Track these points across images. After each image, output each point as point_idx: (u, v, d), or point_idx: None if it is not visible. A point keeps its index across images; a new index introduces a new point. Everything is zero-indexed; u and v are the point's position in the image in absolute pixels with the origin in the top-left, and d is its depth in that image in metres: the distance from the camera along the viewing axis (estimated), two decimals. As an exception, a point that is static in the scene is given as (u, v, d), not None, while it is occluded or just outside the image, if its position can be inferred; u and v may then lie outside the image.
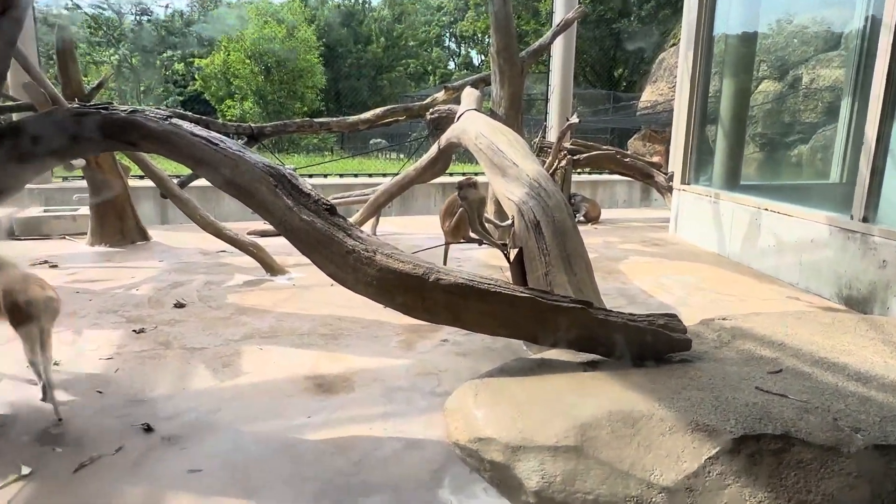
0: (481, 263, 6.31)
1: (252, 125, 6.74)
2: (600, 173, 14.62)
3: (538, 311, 2.22)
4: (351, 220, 6.83)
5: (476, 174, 13.11)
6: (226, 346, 3.63)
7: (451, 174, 13.12)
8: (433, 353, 3.59)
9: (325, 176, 11.30)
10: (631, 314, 2.45)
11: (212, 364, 3.42)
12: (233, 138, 2.63)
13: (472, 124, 4.86)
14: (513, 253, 3.70)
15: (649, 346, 2.34)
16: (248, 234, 6.85)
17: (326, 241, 2.28)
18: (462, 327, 2.40)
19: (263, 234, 7.04)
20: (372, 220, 7.35)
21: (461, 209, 3.83)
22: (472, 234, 3.97)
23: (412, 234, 8.04)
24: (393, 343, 3.69)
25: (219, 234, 5.29)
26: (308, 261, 2.44)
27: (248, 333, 3.84)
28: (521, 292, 2.22)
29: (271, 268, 5.16)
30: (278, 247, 6.89)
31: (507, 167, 3.90)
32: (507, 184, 3.84)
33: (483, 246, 4.02)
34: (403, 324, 4.00)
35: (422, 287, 2.18)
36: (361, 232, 2.37)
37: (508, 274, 3.75)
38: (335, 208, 2.41)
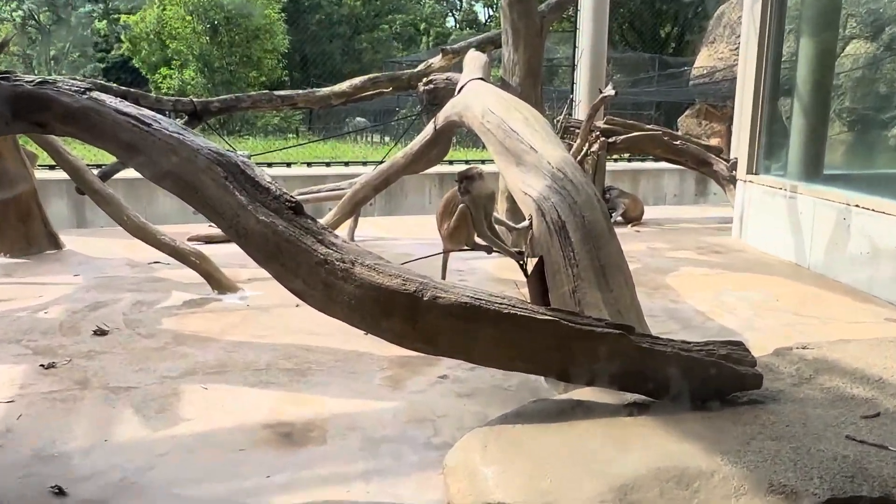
0: (490, 277, 6.24)
1: (195, 100, 6.76)
2: (643, 160, 14.72)
3: (564, 339, 2.21)
4: (322, 221, 6.85)
5: (483, 162, 13.17)
6: (160, 386, 3.63)
7: (450, 162, 13.23)
8: (428, 392, 3.58)
9: (289, 165, 11.31)
10: (684, 342, 2.44)
11: (142, 408, 3.41)
12: (169, 117, 2.64)
13: (478, 98, 4.88)
14: (531, 263, 3.71)
15: (708, 384, 2.33)
16: (190, 239, 6.85)
17: (291, 248, 2.28)
18: (466, 360, 2.39)
19: (209, 239, 6.99)
20: (349, 222, 7.28)
21: (463, 207, 3.84)
22: (478, 240, 3.99)
23: (401, 240, 7.91)
24: (376, 380, 3.69)
25: (152, 240, 5.30)
26: (267, 274, 2.45)
27: (189, 368, 3.84)
28: (543, 314, 2.21)
29: (219, 283, 5.17)
30: (228, 256, 6.91)
31: (524, 153, 3.92)
32: (524, 174, 3.87)
33: (493, 255, 4.04)
34: (390, 355, 3.99)
35: (414, 308, 2.17)
36: (336, 237, 2.37)
37: (525, 291, 3.78)
38: (302, 206, 2.41)
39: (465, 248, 4.00)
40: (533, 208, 3.62)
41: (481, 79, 5.35)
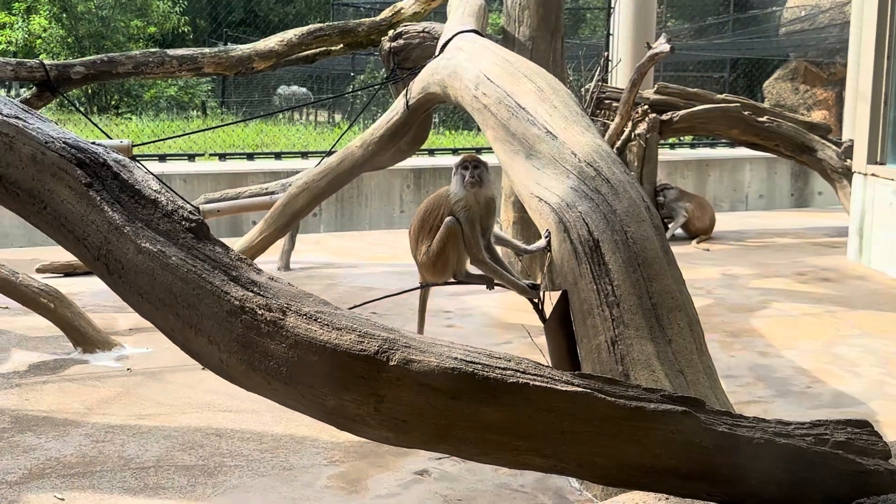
0: (491, 323, 6.31)
1: (47, 63, 6.73)
2: (712, 145, 14.79)
3: (600, 421, 2.18)
4: (239, 244, 6.94)
5: (479, 152, 13.24)
6: (-6, 496, 3.63)
7: (429, 152, 13.29)
8: (402, 499, 3.59)
9: (192, 158, 11.27)
10: (781, 422, 2.42)
11: (-34, 531, 3.38)
12: (8, 89, 2.63)
13: (471, 60, 4.89)
14: (550, 302, 3.71)
15: (817, 486, 2.31)
16: (40, 271, 6.86)
17: (189, 291, 2.25)
18: (455, 453, 2.37)
19: (69, 270, 7.18)
20: (282, 243, 7.47)
21: (451, 221, 3.84)
22: (472, 268, 3.98)
23: (359, 268, 8.09)
24: (322, 481, 3.70)
25: None
26: (153, 326, 2.44)
27: (36, 468, 3.80)
28: (568, 383, 2.19)
29: (85, 338, 5.12)
30: (99, 296, 6.89)
31: (537, 140, 3.95)
32: (537, 172, 3.89)
33: (494, 289, 4.03)
34: (343, 440, 4.02)
35: (376, 378, 2.14)
36: (258, 272, 2.35)
37: (542, 344, 3.77)
38: (206, 227, 2.38)
39: (454, 280, 3.99)
40: (551, 221, 3.65)
41: (474, 31, 5.36)
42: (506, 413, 2.22)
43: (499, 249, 4.08)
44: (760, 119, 9.04)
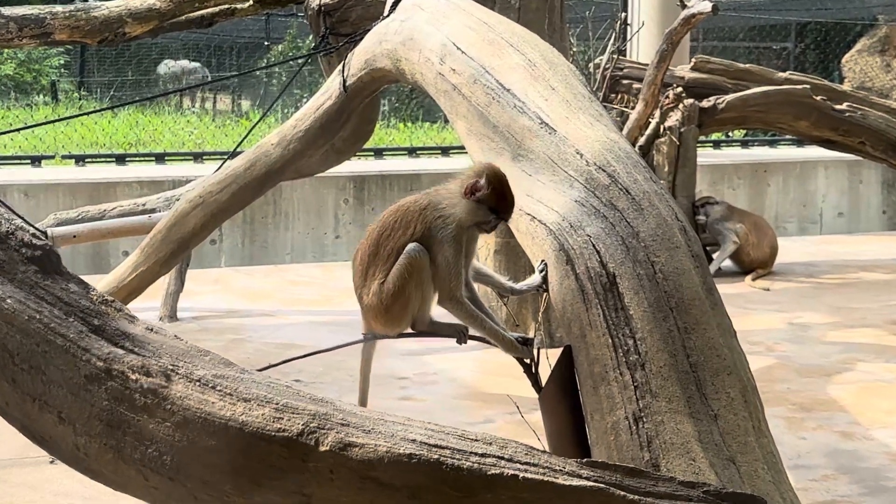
0: (464, 392, 6.40)
1: None
2: (772, 143, 14.85)
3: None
4: (105, 283, 6.83)
5: (446, 152, 13.27)
6: None
7: (375, 152, 13.22)
8: None
9: (38, 162, 11.19)
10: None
11: None
12: None
13: (433, 23, 4.86)
14: (547, 363, 3.70)
15: None
16: None
17: (32, 347, 2.22)
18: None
19: None
20: (167, 281, 7.62)
21: (414, 247, 3.81)
22: (438, 313, 3.96)
23: (275, 316, 8.08)
24: None
25: None
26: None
27: None
28: (574, 475, 2.18)
29: None
30: None
31: (528, 134, 4.00)
32: (528, 178, 3.90)
33: (468, 343, 4.01)
34: None
35: (299, 469, 2.12)
36: (132, 319, 2.32)
37: (537, 421, 3.76)
38: (56, 255, 2.36)
39: (413, 331, 3.97)
40: (549, 248, 3.67)
41: (438, -19, 5.40)
42: (490, 520, 2.21)
43: (477, 288, 4.05)
44: (839, 107, 9.12)
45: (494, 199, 3.72)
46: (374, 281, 3.86)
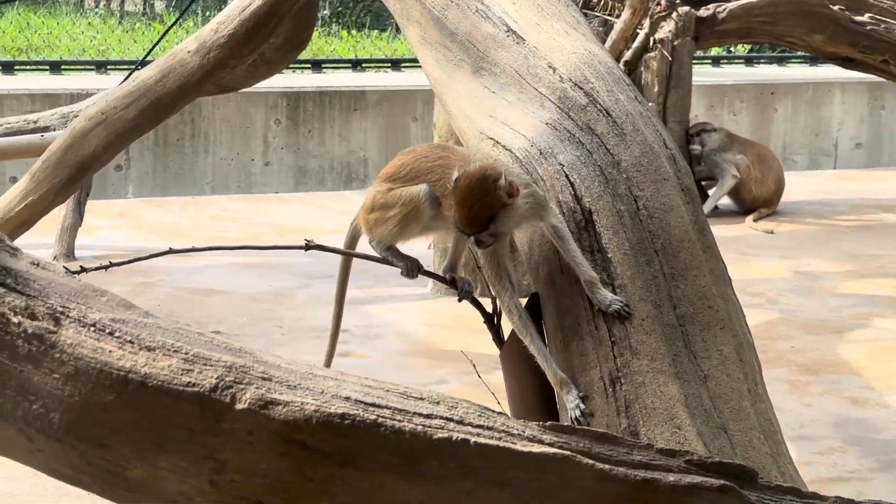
0: (414, 348, 6.50)
1: None
2: (780, 60, 14.75)
3: (587, 502, 2.19)
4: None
5: (397, 65, 13.24)
6: None
7: (312, 64, 13.12)
8: None
9: None
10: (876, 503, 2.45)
11: None
12: None
13: None
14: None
15: None
16: None
17: None
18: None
19: None
20: (62, 214, 7.63)
21: (422, 194, 3.83)
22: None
23: (192, 258, 8.33)
24: None
25: None
26: None
27: None
28: (533, 440, 2.19)
29: None
30: None
31: (493, 43, 3.99)
32: (491, 96, 3.91)
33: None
34: None
35: (212, 430, 2.12)
36: (15, 252, 2.30)
37: (495, 379, 3.77)
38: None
39: (365, 255, 3.98)
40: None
41: None
42: (430, 489, 2.21)
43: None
44: (859, 18, 9.13)
45: (454, 207, 3.56)
46: (386, 183, 3.89)
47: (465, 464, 2.20)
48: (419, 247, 3.97)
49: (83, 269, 3.95)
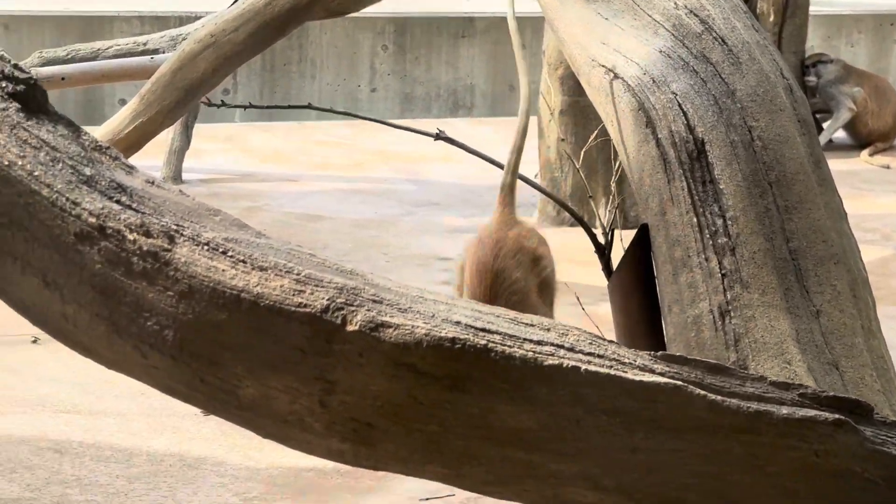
0: None
1: None
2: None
3: (697, 433, 2.19)
4: (97, 134, 6.82)
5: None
6: None
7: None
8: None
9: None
10: None
11: None
12: None
13: None
14: (620, 245, 3.73)
15: None
16: None
17: (12, 198, 2.22)
18: (454, 481, 2.36)
19: None
20: (169, 137, 7.72)
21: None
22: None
23: (298, 182, 8.41)
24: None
25: None
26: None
27: None
28: (645, 369, 2.19)
29: None
30: None
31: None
32: (604, 23, 3.86)
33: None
34: (262, 465, 4.15)
35: (322, 351, 2.13)
36: (130, 170, 2.32)
37: (602, 310, 3.79)
38: (42, 91, 2.36)
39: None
40: (625, 107, 3.67)
41: None
42: (540, 415, 2.23)
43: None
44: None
45: None
46: None
47: (575, 391, 2.21)
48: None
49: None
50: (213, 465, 4.12)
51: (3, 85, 2.35)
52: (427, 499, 3.98)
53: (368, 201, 6.85)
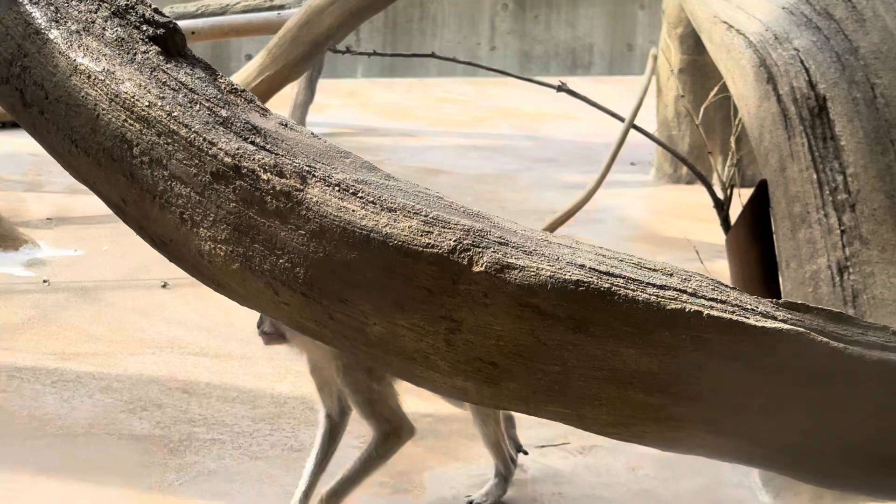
0: (635, 232, 6.61)
1: None
2: None
3: (820, 380, 2.20)
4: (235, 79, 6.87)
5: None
6: None
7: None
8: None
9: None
10: None
11: None
12: None
13: None
14: (739, 201, 3.70)
15: None
16: None
17: (152, 137, 2.26)
18: (575, 421, 2.35)
19: None
20: (294, 90, 7.81)
21: None
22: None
23: (417, 137, 8.38)
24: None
25: None
26: (93, 210, 2.46)
27: None
28: (767, 316, 2.16)
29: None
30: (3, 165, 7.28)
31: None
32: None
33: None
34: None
35: (449, 291, 2.14)
36: (265, 112, 2.33)
37: (719, 264, 3.77)
38: (181, 36, 2.37)
39: None
40: (747, 63, 3.64)
41: None
42: (662, 359, 2.22)
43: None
44: None
45: None
46: None
47: (697, 335, 2.20)
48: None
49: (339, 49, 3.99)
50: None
51: (144, 28, 2.38)
52: (543, 446, 3.98)
53: (487, 157, 6.85)
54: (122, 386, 4.22)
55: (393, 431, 3.49)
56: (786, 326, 2.24)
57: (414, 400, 3.37)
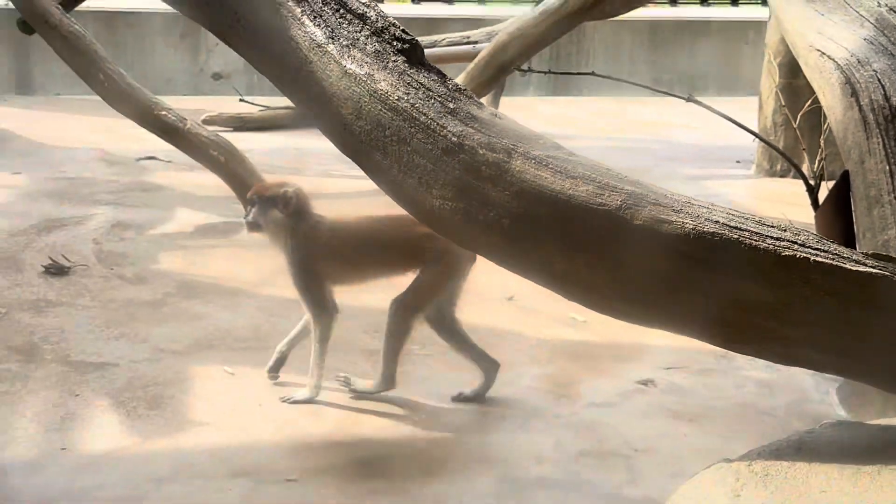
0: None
1: None
2: None
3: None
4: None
5: (738, 1, 12.97)
6: (154, 364, 3.82)
7: (667, 1, 13.02)
8: (619, 409, 3.68)
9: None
10: None
11: (124, 401, 3.59)
12: None
13: None
14: (825, 187, 3.65)
15: None
16: (205, 122, 7.02)
17: (400, 123, 2.39)
18: (711, 340, 2.39)
19: (238, 125, 7.47)
20: (485, 103, 7.88)
21: None
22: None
23: (577, 140, 8.12)
24: (524, 381, 3.81)
25: (145, 116, 5.33)
26: (353, 182, 2.52)
27: (204, 338, 4.02)
28: (859, 262, 2.16)
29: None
30: (274, 154, 6.75)
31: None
32: (820, 18, 3.72)
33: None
34: (548, 338, 4.15)
35: (612, 238, 2.26)
36: (480, 105, 2.45)
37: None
38: (420, 48, 2.46)
39: None
40: (835, 81, 3.56)
41: None
42: (776, 293, 2.26)
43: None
44: None
45: None
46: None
47: (805, 276, 2.25)
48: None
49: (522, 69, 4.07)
50: (514, 336, 4.21)
51: (395, 44, 2.51)
52: (669, 368, 3.96)
53: (628, 155, 6.85)
54: (361, 312, 4.11)
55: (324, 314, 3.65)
56: (874, 271, 2.30)
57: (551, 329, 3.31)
